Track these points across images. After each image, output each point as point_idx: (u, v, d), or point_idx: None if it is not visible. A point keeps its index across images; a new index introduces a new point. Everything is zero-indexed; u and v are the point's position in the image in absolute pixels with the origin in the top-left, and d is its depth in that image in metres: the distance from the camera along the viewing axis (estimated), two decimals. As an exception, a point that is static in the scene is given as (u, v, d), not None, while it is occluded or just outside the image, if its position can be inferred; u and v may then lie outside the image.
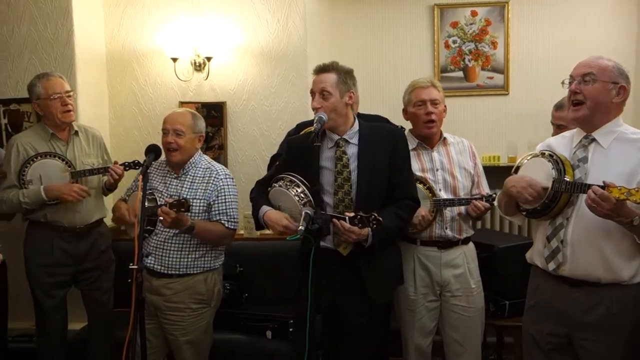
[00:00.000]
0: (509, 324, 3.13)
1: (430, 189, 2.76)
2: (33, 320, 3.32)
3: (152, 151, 2.61)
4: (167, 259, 2.75)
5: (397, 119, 3.66)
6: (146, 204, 2.51)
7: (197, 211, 2.77)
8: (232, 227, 2.83)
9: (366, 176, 2.47)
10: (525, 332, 2.40)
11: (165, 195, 2.79)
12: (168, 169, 2.88)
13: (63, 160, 3.11)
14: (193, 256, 2.78)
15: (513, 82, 4.34)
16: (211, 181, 2.82)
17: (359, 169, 2.47)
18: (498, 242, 3.21)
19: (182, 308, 2.77)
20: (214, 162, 2.95)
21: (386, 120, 3.38)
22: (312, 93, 2.50)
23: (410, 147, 2.79)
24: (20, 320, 3.67)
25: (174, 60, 3.99)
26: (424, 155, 2.84)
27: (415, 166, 2.78)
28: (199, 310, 2.81)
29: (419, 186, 2.74)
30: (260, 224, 2.57)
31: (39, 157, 3.08)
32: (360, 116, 3.36)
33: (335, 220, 2.33)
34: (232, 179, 2.92)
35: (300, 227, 2.18)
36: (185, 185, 2.81)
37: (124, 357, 2.40)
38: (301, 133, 2.92)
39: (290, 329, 3.29)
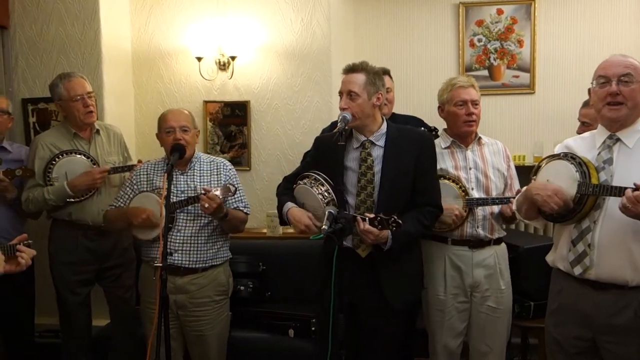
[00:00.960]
0: (534, 325, 3.08)
1: (462, 188, 2.73)
2: (58, 316, 3.38)
3: (177, 150, 2.63)
4: (194, 253, 2.77)
5: (421, 117, 3.66)
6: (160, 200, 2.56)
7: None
8: (248, 212, 2.93)
9: (390, 179, 2.46)
10: (549, 336, 2.36)
11: (175, 192, 2.77)
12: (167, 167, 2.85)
13: (88, 157, 3.16)
14: (216, 247, 2.84)
15: (539, 81, 4.27)
16: (221, 172, 2.87)
17: (382, 172, 2.46)
18: (523, 242, 3.17)
19: (207, 302, 2.80)
20: (212, 156, 3.00)
21: (421, 122, 3.37)
22: (340, 93, 2.50)
23: (444, 145, 2.80)
24: (46, 316, 3.73)
25: (199, 59, 4.01)
26: (457, 153, 2.80)
27: (449, 164, 2.77)
28: (221, 302, 2.87)
29: (452, 185, 2.71)
30: (284, 219, 2.60)
31: (65, 155, 3.12)
32: (396, 116, 3.37)
33: (359, 220, 2.33)
34: (234, 169, 3.01)
35: (323, 226, 2.18)
36: (195, 180, 2.82)
37: (148, 353, 2.43)
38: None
39: (313, 328, 3.30)
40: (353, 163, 2.48)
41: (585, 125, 3.38)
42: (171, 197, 2.73)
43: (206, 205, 2.62)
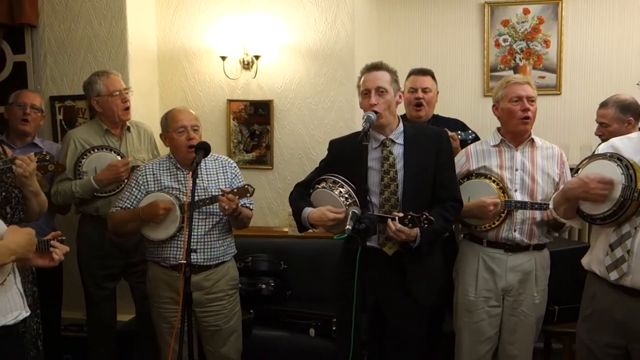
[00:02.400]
0: (558, 330, 3.05)
1: (502, 189, 2.68)
2: (84, 311, 3.44)
3: (202, 148, 2.63)
4: (209, 250, 2.80)
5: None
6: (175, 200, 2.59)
7: None
8: (252, 208, 2.96)
9: (412, 176, 2.47)
10: (580, 342, 2.31)
11: (184, 191, 2.78)
12: (177, 167, 2.84)
13: (118, 154, 3.20)
14: (226, 243, 2.87)
15: (566, 82, 4.21)
16: (227, 170, 2.90)
17: (405, 169, 2.48)
18: (549, 246, 3.12)
19: (221, 296, 2.83)
20: (215, 154, 2.95)
21: (464, 125, 3.35)
22: (367, 90, 2.49)
23: (492, 143, 2.77)
24: (72, 310, 3.80)
25: (223, 58, 4.04)
26: (505, 152, 2.74)
27: (493, 162, 2.73)
28: (234, 295, 2.91)
29: (490, 184, 2.68)
30: (303, 226, 2.59)
31: (95, 150, 3.18)
32: (439, 119, 3.35)
33: (389, 220, 2.33)
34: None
35: (347, 227, 2.19)
36: (203, 179, 2.82)
37: (171, 349, 2.46)
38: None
39: (334, 328, 3.30)
40: (373, 162, 2.49)
41: (603, 126, 3.34)
42: (182, 197, 2.75)
43: (226, 206, 2.65)
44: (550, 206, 2.49)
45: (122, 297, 3.50)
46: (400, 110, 3.40)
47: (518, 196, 2.68)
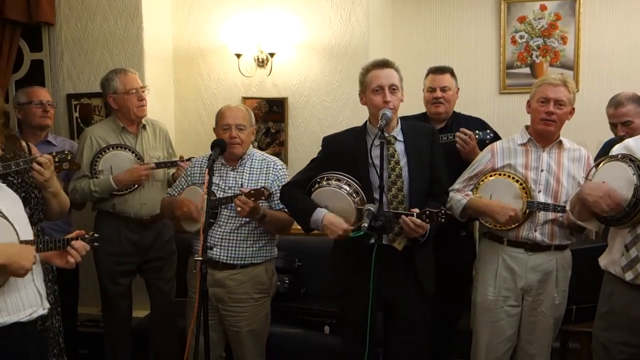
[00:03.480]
0: (576, 329, 3.02)
1: (526, 189, 2.65)
2: (100, 307, 3.47)
3: (218, 145, 2.65)
4: (233, 249, 2.79)
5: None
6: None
7: (261, 200, 2.79)
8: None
9: (416, 171, 2.51)
10: (596, 340, 2.31)
11: (223, 187, 2.83)
12: (222, 162, 2.89)
13: (133, 152, 3.23)
14: (257, 246, 2.83)
15: (583, 79, 4.16)
16: (270, 171, 2.87)
17: (409, 165, 2.51)
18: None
19: (245, 299, 2.81)
20: (268, 155, 3.01)
21: (483, 123, 3.33)
22: (380, 87, 2.48)
23: (519, 142, 2.74)
24: (88, 306, 3.84)
25: (238, 56, 4.05)
26: (532, 152, 2.72)
27: (519, 161, 2.70)
28: (260, 300, 2.87)
29: (514, 183, 2.66)
30: (308, 227, 2.54)
31: (111, 149, 3.20)
32: (459, 117, 3.34)
33: (403, 217, 2.34)
34: (286, 169, 2.99)
35: (363, 224, 2.18)
36: (244, 177, 2.85)
37: (187, 345, 2.47)
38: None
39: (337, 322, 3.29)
40: (377, 160, 2.46)
41: (626, 125, 3.27)
42: (218, 192, 2.77)
43: (239, 208, 2.65)
44: (567, 207, 2.48)
45: (138, 294, 3.52)
46: (421, 107, 3.41)
47: (541, 197, 2.65)
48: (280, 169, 2.91)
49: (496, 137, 3.19)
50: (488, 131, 3.16)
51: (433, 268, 2.61)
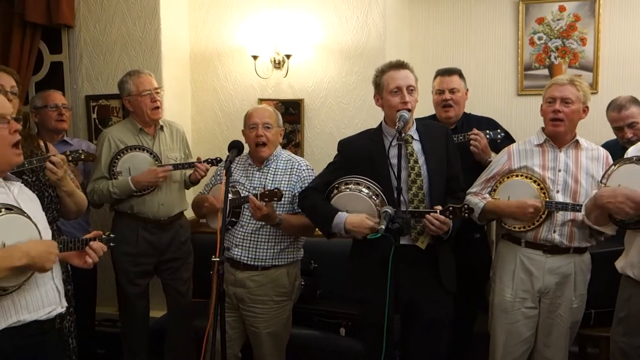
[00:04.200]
0: (595, 333, 2.99)
1: (544, 189, 2.64)
2: (117, 306, 3.49)
3: (235, 147, 2.66)
4: (254, 250, 2.80)
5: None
6: (230, 196, 2.57)
7: (282, 202, 2.80)
8: None
9: (434, 170, 2.52)
10: (614, 345, 2.28)
11: (248, 187, 2.84)
12: (250, 162, 2.92)
13: (151, 154, 3.25)
14: (279, 247, 2.82)
15: (602, 81, 4.11)
16: (294, 172, 2.86)
17: (427, 164, 2.52)
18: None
19: (265, 301, 2.81)
20: (294, 156, 3.00)
21: (495, 123, 3.32)
22: (398, 88, 2.48)
23: (536, 143, 2.74)
24: (106, 306, 3.87)
25: (254, 58, 4.06)
26: (549, 153, 2.71)
27: (536, 162, 2.70)
28: (281, 303, 2.85)
29: (531, 184, 2.65)
30: (330, 233, 2.54)
31: (129, 150, 3.22)
32: (470, 117, 3.33)
33: (427, 215, 2.34)
34: (313, 170, 2.95)
35: (381, 226, 2.18)
36: (268, 177, 2.85)
37: (204, 347, 2.48)
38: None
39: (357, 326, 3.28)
40: (395, 159, 2.45)
41: (633, 128, 3.25)
42: (243, 192, 2.79)
43: (252, 211, 2.65)
44: (583, 213, 2.46)
45: (154, 294, 3.54)
46: (431, 110, 3.40)
47: (560, 198, 2.63)
48: (304, 170, 2.89)
49: (508, 136, 3.18)
50: (499, 130, 3.15)
51: (454, 266, 2.61)
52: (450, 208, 2.34)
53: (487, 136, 3.07)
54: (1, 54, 3.94)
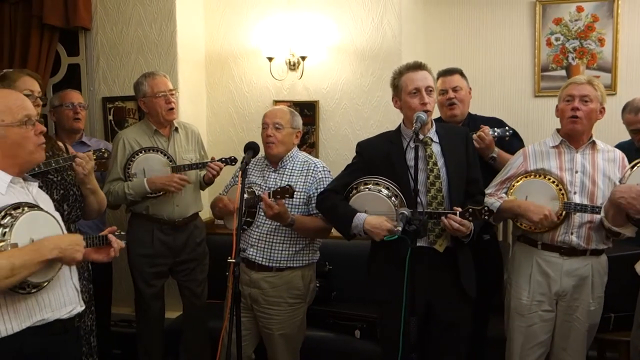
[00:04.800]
0: (614, 338, 2.94)
1: (562, 190, 2.61)
2: (133, 307, 3.51)
3: (251, 148, 2.66)
4: (269, 251, 2.80)
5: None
6: (245, 196, 2.57)
7: (297, 203, 2.80)
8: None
9: (454, 172, 2.50)
10: (634, 350, 2.26)
11: (264, 188, 2.84)
12: (266, 163, 2.93)
13: (165, 155, 3.26)
14: (294, 249, 2.82)
15: (621, 82, 4.07)
16: (310, 174, 2.85)
17: (446, 166, 2.50)
18: (607, 251, 3.02)
19: (279, 302, 2.81)
20: (311, 157, 3.00)
21: (501, 122, 3.29)
22: (417, 90, 2.46)
23: (551, 144, 2.72)
24: (121, 306, 3.89)
25: (270, 59, 4.06)
26: (565, 154, 2.69)
27: (553, 164, 2.67)
28: (295, 305, 2.85)
29: (551, 185, 2.62)
30: (349, 233, 2.53)
31: (143, 152, 3.24)
32: (475, 117, 3.31)
33: (445, 217, 2.33)
34: (330, 171, 2.94)
35: (397, 228, 2.17)
36: (284, 178, 2.85)
37: (219, 348, 2.48)
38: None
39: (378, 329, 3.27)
40: (412, 162, 2.44)
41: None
42: (259, 192, 2.79)
43: (264, 209, 2.64)
44: (602, 214, 2.43)
45: (169, 295, 3.55)
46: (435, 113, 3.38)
47: (577, 199, 2.61)
48: (320, 172, 2.88)
49: (515, 134, 3.17)
50: (507, 128, 3.13)
51: (474, 269, 2.58)
52: (470, 210, 2.32)
53: (495, 134, 3.06)
54: (20, 56, 3.98)
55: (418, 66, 2.51)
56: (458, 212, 2.33)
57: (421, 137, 2.45)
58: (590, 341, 2.76)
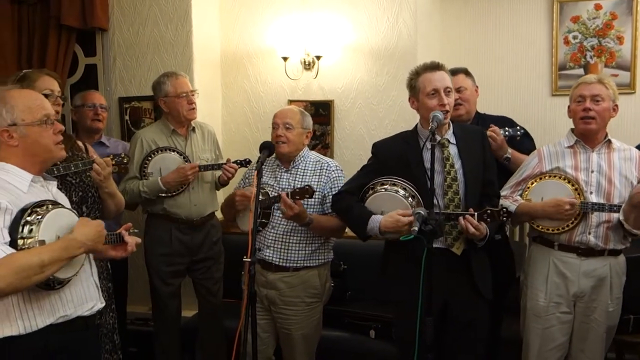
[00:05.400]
0: (633, 340, 2.91)
1: (578, 190, 2.59)
2: (148, 305, 3.54)
3: (267, 148, 2.64)
4: (285, 252, 2.80)
5: (510, 117, 3.53)
6: (260, 197, 2.57)
7: (312, 203, 2.79)
8: None
9: (470, 175, 2.47)
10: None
11: (277, 189, 2.84)
12: (278, 164, 2.92)
13: (181, 155, 3.28)
14: (310, 249, 2.82)
15: (640, 81, 4.02)
16: (323, 173, 2.85)
17: (463, 168, 2.47)
18: (625, 251, 2.98)
19: (296, 302, 2.81)
20: (322, 156, 2.99)
21: (510, 121, 3.27)
22: (435, 90, 2.44)
23: (566, 144, 2.70)
24: (137, 305, 3.92)
25: (285, 59, 4.07)
26: (581, 154, 2.66)
27: (568, 163, 2.65)
28: (312, 304, 2.85)
29: (566, 185, 2.60)
30: (365, 235, 2.52)
31: (160, 151, 3.26)
32: (485, 117, 3.28)
33: (462, 218, 2.32)
34: (342, 170, 2.93)
35: (413, 228, 2.15)
36: (297, 178, 2.85)
37: (235, 346, 2.48)
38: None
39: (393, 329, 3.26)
40: (429, 164, 2.42)
41: None
42: (272, 193, 2.80)
43: (284, 209, 2.63)
44: (621, 217, 2.41)
45: (185, 294, 3.57)
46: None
47: (594, 199, 2.58)
48: (333, 171, 2.87)
49: (526, 133, 3.15)
50: (518, 127, 3.11)
51: (489, 272, 2.56)
52: (488, 211, 2.30)
53: (507, 133, 3.04)
54: (38, 56, 4.03)
55: (436, 66, 2.48)
56: (477, 214, 2.31)
57: (438, 138, 2.43)
58: (609, 343, 2.73)
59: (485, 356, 3.07)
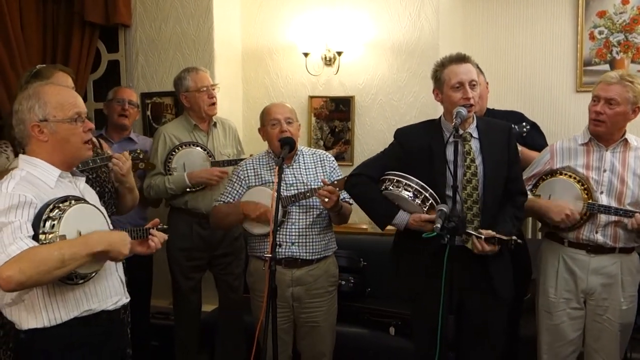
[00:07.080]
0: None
1: (587, 190, 2.56)
2: (170, 300, 3.56)
3: (287, 143, 2.66)
4: (310, 245, 2.81)
5: (534, 115, 3.49)
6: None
7: None
8: (352, 203, 2.84)
9: (491, 170, 2.43)
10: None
11: (283, 185, 2.78)
12: (275, 161, 2.84)
13: (204, 150, 3.30)
14: (327, 238, 2.87)
15: (668, 77, 3.93)
16: (325, 163, 2.91)
17: (484, 163, 2.43)
18: (638, 249, 2.93)
19: (322, 293, 2.84)
20: (313, 149, 3.05)
21: (521, 116, 3.23)
22: (460, 84, 2.39)
23: (581, 142, 2.66)
24: (159, 299, 3.95)
25: (305, 55, 4.06)
26: (594, 152, 2.62)
27: (579, 162, 2.62)
28: (333, 292, 2.91)
29: (574, 184, 2.57)
30: (385, 226, 2.53)
31: (184, 147, 3.28)
32: (494, 112, 3.25)
33: (473, 239, 2.31)
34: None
35: (436, 225, 2.14)
36: (301, 172, 2.85)
37: (255, 343, 2.49)
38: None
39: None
40: (452, 157, 2.39)
41: None
42: (282, 191, 2.78)
43: (326, 199, 2.63)
44: (636, 225, 2.37)
45: (206, 289, 3.59)
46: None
47: (604, 199, 2.55)
48: (332, 161, 2.96)
49: (534, 127, 3.11)
50: (524, 124, 3.06)
51: (509, 270, 2.52)
52: (496, 238, 2.28)
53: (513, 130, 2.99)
54: (62, 52, 4.07)
55: (462, 58, 2.44)
56: (484, 237, 2.29)
57: (461, 132, 2.39)
58: (626, 341, 2.69)
59: (503, 354, 3.05)
